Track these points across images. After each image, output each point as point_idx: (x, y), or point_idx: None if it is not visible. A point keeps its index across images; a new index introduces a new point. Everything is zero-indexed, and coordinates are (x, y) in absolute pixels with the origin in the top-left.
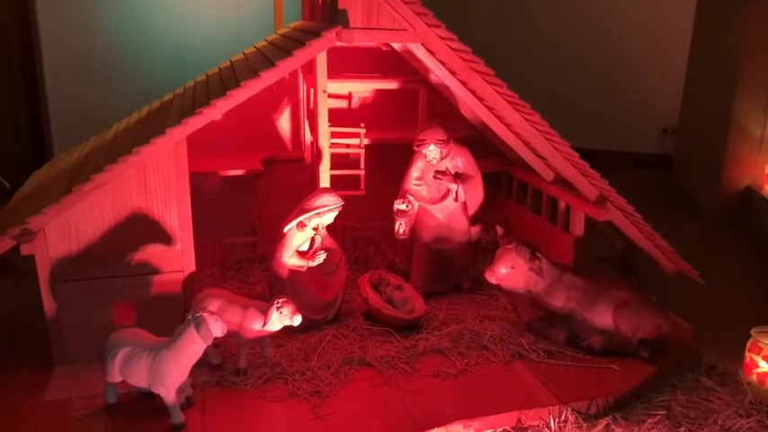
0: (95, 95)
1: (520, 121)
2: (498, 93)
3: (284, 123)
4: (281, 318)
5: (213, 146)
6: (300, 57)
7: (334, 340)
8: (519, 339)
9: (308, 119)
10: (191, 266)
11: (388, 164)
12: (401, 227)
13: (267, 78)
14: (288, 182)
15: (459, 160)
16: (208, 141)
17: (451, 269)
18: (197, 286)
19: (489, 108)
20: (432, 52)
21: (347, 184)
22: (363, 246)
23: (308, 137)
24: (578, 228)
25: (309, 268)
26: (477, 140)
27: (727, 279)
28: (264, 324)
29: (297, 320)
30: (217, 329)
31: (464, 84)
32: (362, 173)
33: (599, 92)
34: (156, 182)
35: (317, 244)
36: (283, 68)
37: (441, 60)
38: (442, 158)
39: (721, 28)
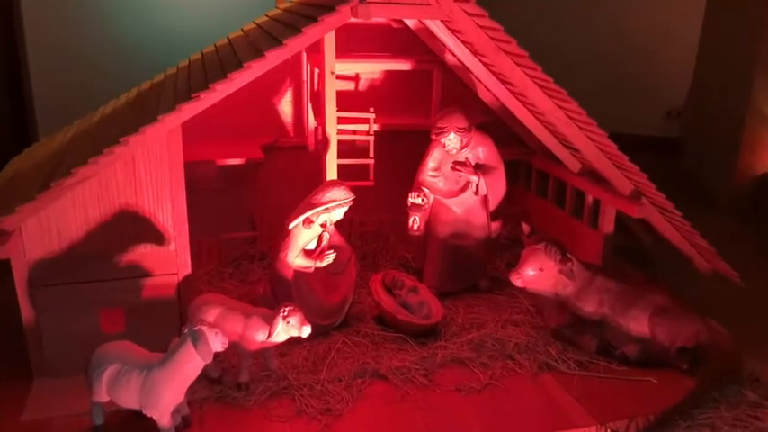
0: (82, 74)
1: (552, 109)
2: (529, 77)
3: (286, 107)
4: (288, 328)
5: (207, 131)
6: (311, 34)
7: (344, 348)
8: (546, 348)
9: (311, 102)
10: (186, 268)
11: (399, 152)
12: (416, 222)
13: (273, 59)
14: (289, 170)
15: (481, 150)
16: (201, 126)
17: (468, 267)
18: (193, 288)
19: (517, 94)
20: (455, 30)
21: (355, 174)
22: (372, 241)
23: (311, 122)
24: (608, 224)
25: (316, 269)
26: (494, 127)
27: (744, 274)
28: (269, 335)
29: (305, 331)
30: (217, 344)
31: (490, 66)
32: (371, 162)
33: (598, 71)
34: (147, 175)
35: (324, 242)
36: (292, 47)
37: (465, 40)
38: (462, 148)
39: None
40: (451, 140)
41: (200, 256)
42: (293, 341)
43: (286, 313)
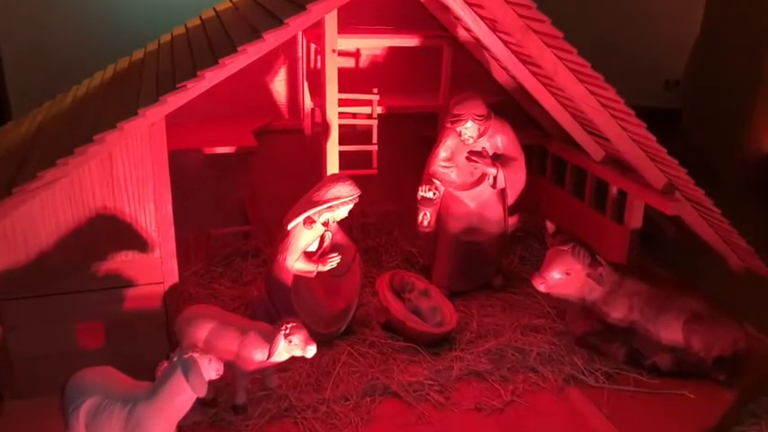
0: (57, 44)
1: (583, 95)
2: (560, 59)
3: (279, 86)
4: (291, 348)
5: (191, 113)
6: (316, 11)
7: (350, 361)
8: (571, 357)
9: (307, 81)
10: (173, 277)
11: (404, 137)
12: (426, 218)
13: (272, 41)
14: (284, 156)
15: (500, 139)
16: (184, 108)
17: (481, 265)
18: (180, 293)
19: (540, 75)
20: (473, 4)
21: (356, 162)
22: (374, 234)
23: (307, 102)
24: (636, 219)
25: (318, 272)
26: (506, 107)
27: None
28: (269, 356)
29: (310, 352)
30: (211, 372)
31: (510, 45)
32: (375, 148)
33: (590, 35)
34: (127, 174)
35: (326, 242)
36: (294, 27)
37: (486, 15)
38: (479, 137)
39: None
40: (468, 129)
41: (187, 254)
42: None
43: (288, 331)
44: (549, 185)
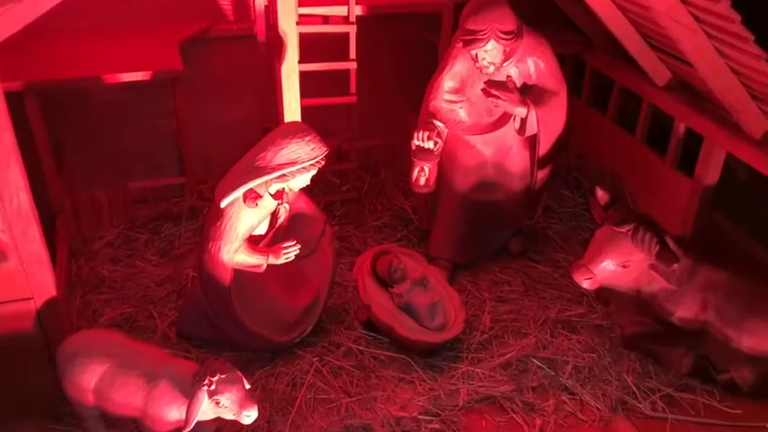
0: None
1: (671, 6)
2: None
3: None
4: (219, 410)
5: (95, 19)
6: None
7: (317, 383)
8: (619, 371)
9: None
10: (48, 289)
11: (392, 46)
12: (423, 175)
13: None
14: (230, 74)
15: (533, 63)
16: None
17: (496, 229)
18: (65, 316)
19: None
20: None
21: (328, 85)
22: (353, 180)
23: None
24: (712, 172)
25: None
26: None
27: None
28: (186, 425)
29: (248, 418)
30: None
31: None
32: (354, 66)
33: None
34: None
35: (281, 218)
36: None
37: None
38: (503, 62)
39: None
40: (489, 53)
41: (98, 217)
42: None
43: (214, 387)
44: (584, 109)
